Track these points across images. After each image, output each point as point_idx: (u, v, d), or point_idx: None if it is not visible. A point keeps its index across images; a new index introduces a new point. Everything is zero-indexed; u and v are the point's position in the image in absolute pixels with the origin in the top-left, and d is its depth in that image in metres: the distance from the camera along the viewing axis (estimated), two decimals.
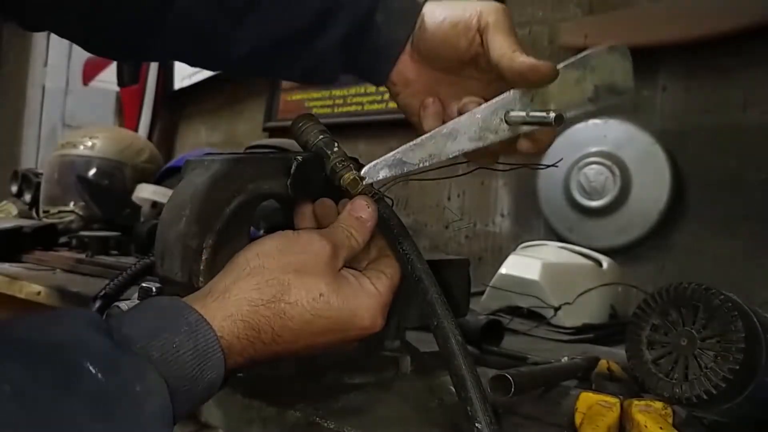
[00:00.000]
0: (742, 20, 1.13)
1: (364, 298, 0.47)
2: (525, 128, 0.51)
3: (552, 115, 0.48)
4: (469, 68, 0.55)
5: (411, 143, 0.50)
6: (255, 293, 0.44)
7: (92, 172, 1.98)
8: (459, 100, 0.55)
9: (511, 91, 0.51)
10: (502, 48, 0.50)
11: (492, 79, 0.54)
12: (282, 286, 0.45)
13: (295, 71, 0.62)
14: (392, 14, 0.55)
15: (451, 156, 0.51)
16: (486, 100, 0.52)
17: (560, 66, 0.51)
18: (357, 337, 0.48)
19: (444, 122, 0.53)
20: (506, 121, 0.51)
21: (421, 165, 0.50)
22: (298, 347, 0.46)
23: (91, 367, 0.34)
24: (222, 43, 0.58)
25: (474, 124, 0.51)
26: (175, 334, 0.40)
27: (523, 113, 0.50)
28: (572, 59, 0.52)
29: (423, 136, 0.51)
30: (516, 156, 0.55)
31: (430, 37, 0.54)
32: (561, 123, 0.48)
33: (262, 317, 0.44)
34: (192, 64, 0.66)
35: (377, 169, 0.50)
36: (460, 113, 0.52)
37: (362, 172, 0.50)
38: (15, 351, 0.33)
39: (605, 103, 0.54)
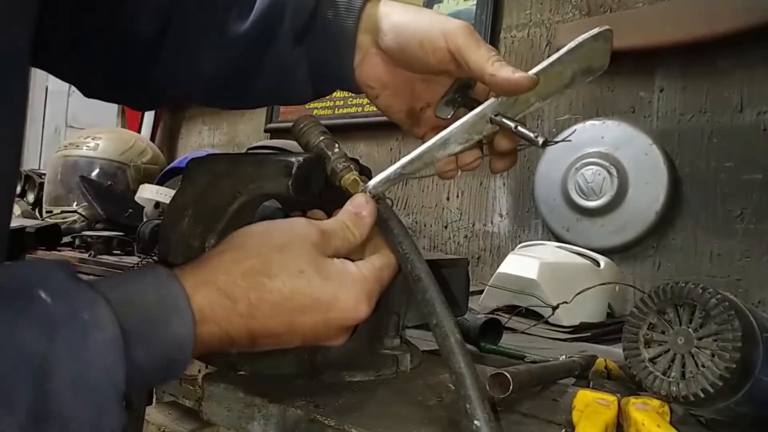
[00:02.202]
0: (738, 22, 1.14)
1: (348, 280, 0.46)
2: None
3: (540, 140, 0.51)
4: (442, 74, 0.56)
5: (409, 157, 0.53)
6: (232, 264, 0.44)
7: (95, 172, 1.99)
8: (435, 95, 0.58)
9: (495, 99, 0.53)
10: (480, 64, 0.51)
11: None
12: (262, 260, 0.44)
13: (263, 88, 0.62)
14: (338, 6, 0.57)
15: (441, 160, 0.54)
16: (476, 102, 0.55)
17: (546, 63, 0.52)
18: (340, 321, 0.46)
19: (431, 124, 0.58)
20: (491, 122, 0.53)
21: (417, 174, 0.54)
22: (277, 325, 0.44)
23: (43, 294, 0.35)
24: (190, 65, 0.61)
25: (464, 131, 0.53)
26: (141, 285, 0.40)
27: (512, 124, 0.52)
28: (558, 55, 0.52)
29: (419, 150, 0.54)
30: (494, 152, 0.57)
31: (401, 50, 0.55)
32: (546, 146, 0.51)
33: (238, 287, 0.43)
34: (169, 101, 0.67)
35: (381, 184, 0.53)
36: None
37: (368, 188, 0.53)
38: None
39: (580, 84, 0.54)
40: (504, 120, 0.52)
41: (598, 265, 1.15)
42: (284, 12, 0.58)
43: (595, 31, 0.52)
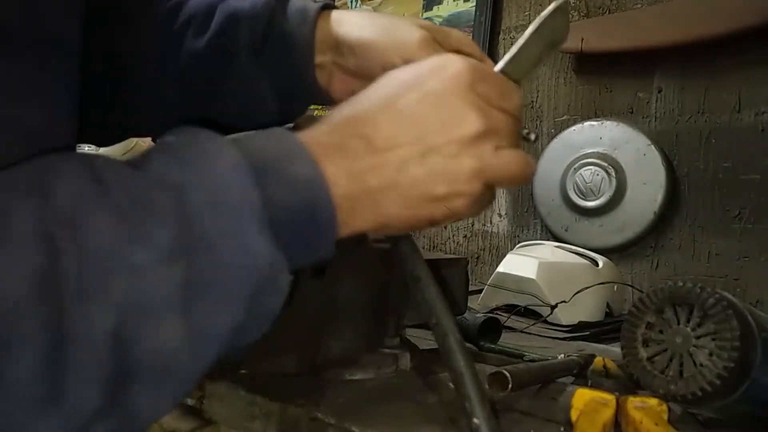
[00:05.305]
0: (737, 22, 1.14)
1: (436, 58, 0.44)
2: None
3: (532, 136, 0.52)
4: None
5: None
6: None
7: None
8: None
9: None
10: None
11: None
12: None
13: (227, 109, 0.60)
14: (293, 16, 0.56)
15: None
16: None
17: (514, 51, 0.51)
18: (444, 84, 0.42)
19: None
20: None
21: None
22: (384, 121, 0.41)
23: (167, 138, 0.36)
24: (150, 92, 0.60)
25: None
26: (255, 136, 0.39)
27: None
28: (523, 40, 0.51)
29: None
30: None
31: (366, 72, 0.54)
32: (538, 140, 0.52)
33: (332, 115, 0.41)
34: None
35: None
36: None
37: None
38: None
39: (546, 60, 0.55)
40: None
41: (597, 264, 1.16)
42: (239, 25, 0.56)
43: (552, 7, 0.51)
